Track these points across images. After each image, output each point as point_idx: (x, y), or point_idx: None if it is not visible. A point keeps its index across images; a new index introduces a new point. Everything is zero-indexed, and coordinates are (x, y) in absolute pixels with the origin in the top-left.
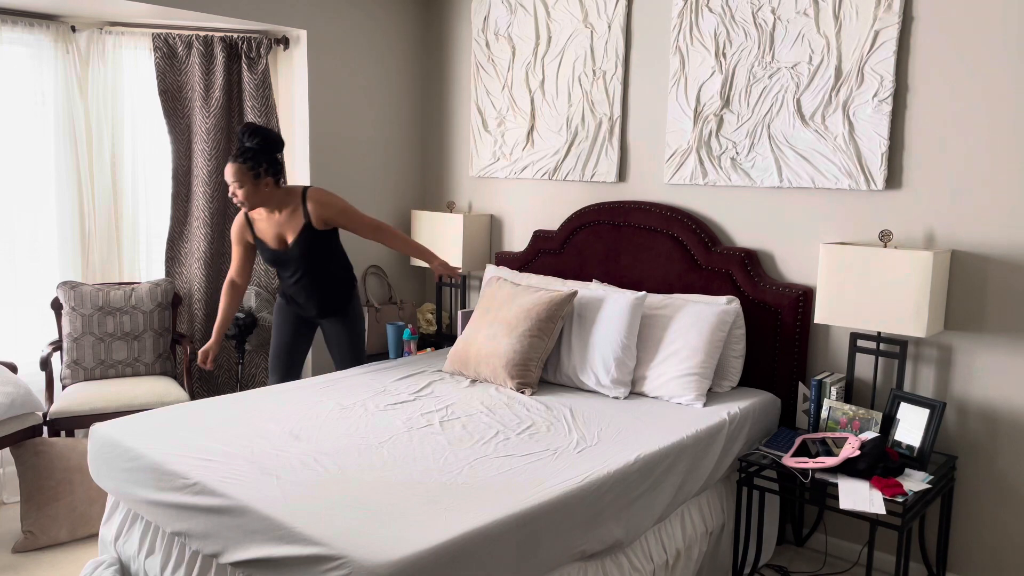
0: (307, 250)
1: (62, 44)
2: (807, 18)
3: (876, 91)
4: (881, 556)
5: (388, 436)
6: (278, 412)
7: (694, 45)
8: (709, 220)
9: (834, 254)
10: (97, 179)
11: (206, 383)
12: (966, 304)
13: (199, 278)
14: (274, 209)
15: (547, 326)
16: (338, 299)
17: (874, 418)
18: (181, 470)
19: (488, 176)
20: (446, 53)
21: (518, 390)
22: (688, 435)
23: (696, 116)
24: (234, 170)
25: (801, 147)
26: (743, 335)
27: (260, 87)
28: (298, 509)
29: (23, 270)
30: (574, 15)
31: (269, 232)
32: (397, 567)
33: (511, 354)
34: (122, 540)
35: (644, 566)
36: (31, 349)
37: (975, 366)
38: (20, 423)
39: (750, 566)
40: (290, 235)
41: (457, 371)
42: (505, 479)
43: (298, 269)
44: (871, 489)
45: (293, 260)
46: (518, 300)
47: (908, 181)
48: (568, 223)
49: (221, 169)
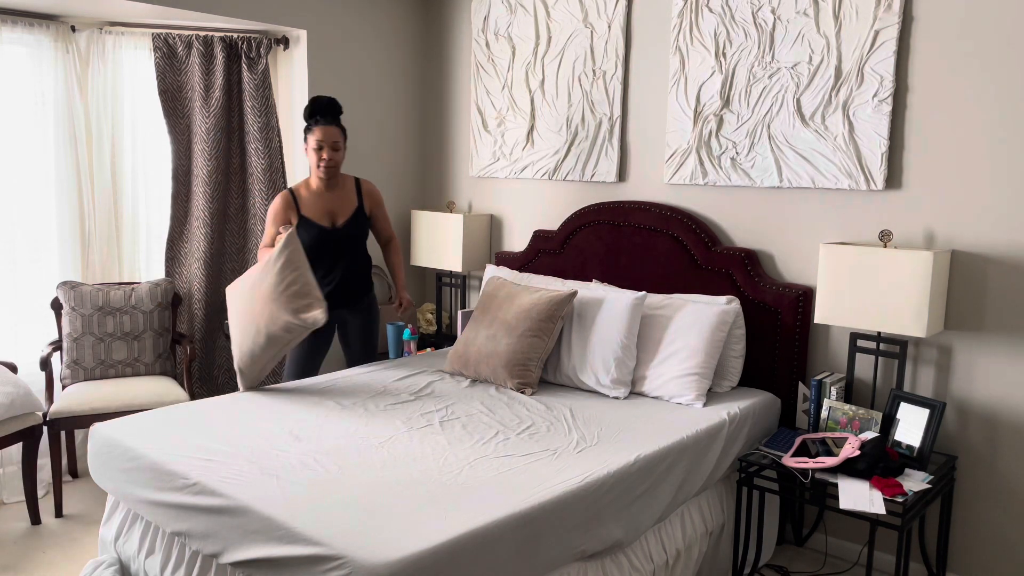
0: (355, 232)
1: (62, 44)
2: (807, 18)
3: (876, 91)
4: (881, 556)
5: (388, 436)
6: (278, 412)
7: (694, 45)
8: (709, 220)
9: (834, 254)
10: (97, 179)
11: (206, 383)
12: (966, 304)
13: (199, 278)
14: (334, 185)
15: (547, 326)
16: (364, 288)
17: (874, 418)
18: (181, 470)
19: (488, 176)
20: (446, 53)
21: (518, 390)
22: (688, 435)
23: (696, 116)
24: (337, 132)
25: (801, 147)
26: (743, 335)
27: (260, 87)
28: (298, 509)
29: (23, 270)
30: (574, 15)
31: (320, 209)
32: (397, 567)
33: (511, 354)
34: (122, 540)
35: (644, 566)
36: (31, 349)
37: (975, 366)
38: (20, 423)
39: (750, 566)
40: (342, 214)
41: (457, 371)
42: (505, 479)
43: (340, 251)
44: (871, 489)
45: (339, 240)
46: (518, 300)
47: (908, 181)
48: (568, 223)
49: (221, 169)
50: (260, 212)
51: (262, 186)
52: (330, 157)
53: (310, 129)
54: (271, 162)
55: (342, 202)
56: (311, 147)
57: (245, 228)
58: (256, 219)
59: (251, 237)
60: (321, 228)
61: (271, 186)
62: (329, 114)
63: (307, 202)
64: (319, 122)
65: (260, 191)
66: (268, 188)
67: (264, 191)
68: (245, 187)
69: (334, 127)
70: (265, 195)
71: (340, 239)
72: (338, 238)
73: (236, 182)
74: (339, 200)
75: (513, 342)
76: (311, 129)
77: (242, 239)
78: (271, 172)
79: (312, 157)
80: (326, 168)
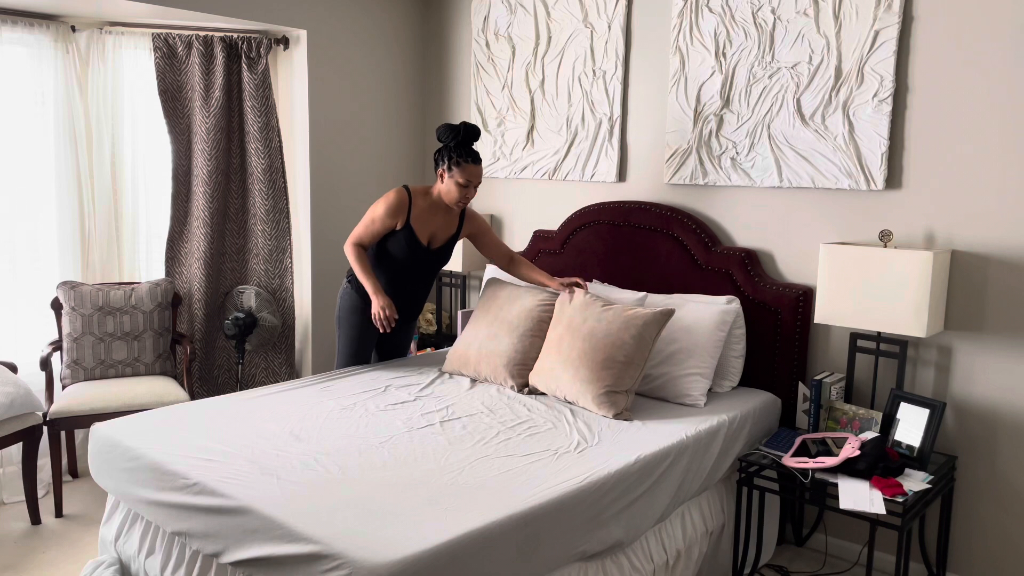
0: (443, 257)
1: (62, 44)
2: (807, 18)
3: (876, 91)
4: (881, 556)
5: (388, 436)
6: (278, 412)
7: (694, 45)
8: (709, 220)
9: (834, 254)
10: (97, 179)
11: (206, 383)
12: (966, 304)
13: (199, 278)
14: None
15: (546, 326)
16: (419, 307)
17: (874, 418)
18: (181, 470)
19: (488, 176)
20: (446, 53)
21: (519, 389)
22: (688, 435)
23: (696, 116)
24: (482, 171)
25: (801, 147)
26: (743, 335)
27: (260, 87)
28: (298, 509)
29: (23, 270)
30: (574, 15)
31: (427, 227)
32: (397, 567)
33: (512, 353)
34: (122, 540)
35: (644, 566)
36: (31, 349)
37: (975, 366)
38: (20, 423)
39: (750, 566)
40: (440, 237)
41: (457, 370)
42: (505, 479)
43: (422, 270)
44: (871, 489)
45: (428, 260)
46: (519, 300)
47: (908, 181)
48: (568, 223)
49: (221, 169)
50: (260, 212)
51: (262, 186)
52: (472, 196)
53: (460, 164)
54: (271, 162)
55: (446, 225)
56: (457, 180)
57: (245, 228)
58: (256, 219)
59: (251, 237)
60: (418, 243)
61: (271, 186)
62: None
63: (419, 212)
64: (473, 161)
65: (260, 191)
66: (268, 188)
67: (264, 191)
68: (245, 187)
69: (481, 166)
70: (265, 195)
71: (429, 259)
72: (428, 258)
73: (236, 182)
74: (445, 223)
75: (515, 341)
76: (462, 165)
77: (242, 239)
78: (271, 172)
79: (453, 190)
80: (464, 204)
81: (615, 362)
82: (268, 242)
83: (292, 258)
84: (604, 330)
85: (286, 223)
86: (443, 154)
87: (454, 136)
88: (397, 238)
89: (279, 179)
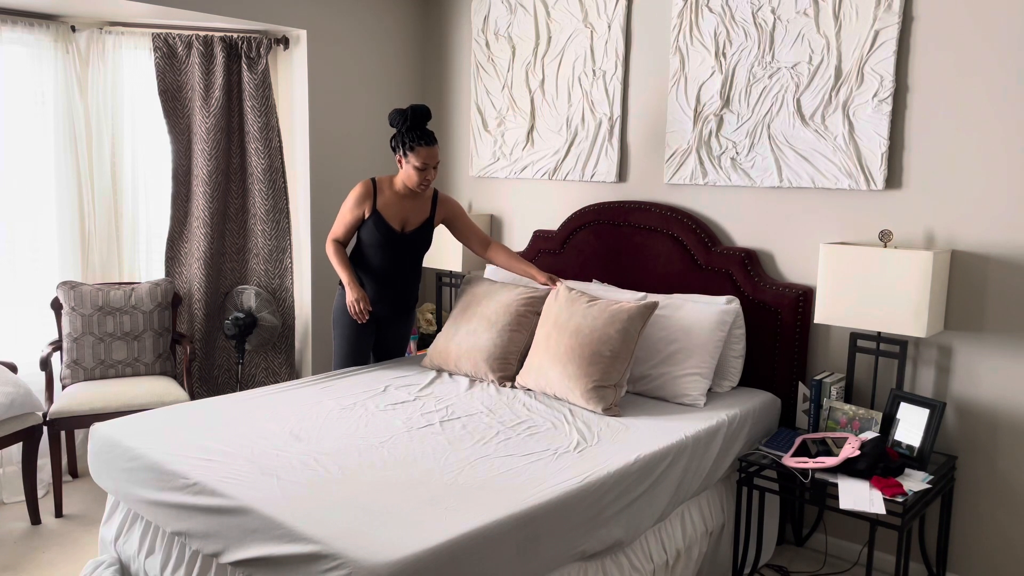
0: (420, 241)
1: (62, 44)
2: (807, 18)
3: (876, 91)
4: (881, 556)
5: (388, 436)
6: (278, 412)
7: (694, 45)
8: (709, 220)
9: (834, 254)
10: (97, 179)
11: (206, 383)
12: (966, 304)
13: (199, 278)
14: (418, 194)
15: (524, 320)
16: (413, 299)
17: (874, 418)
18: (181, 470)
19: (488, 176)
20: (446, 53)
21: (500, 383)
22: (688, 435)
23: (696, 116)
24: (438, 151)
25: (801, 147)
26: (743, 335)
27: (260, 87)
28: (298, 509)
29: (23, 270)
30: (574, 15)
31: (396, 212)
32: (397, 567)
33: (492, 348)
34: (122, 540)
35: (644, 566)
36: (31, 349)
37: (975, 366)
38: (20, 423)
39: (750, 566)
40: (414, 222)
41: (437, 366)
42: (505, 479)
43: (402, 256)
44: (871, 489)
45: (404, 245)
46: (497, 296)
47: (908, 181)
48: (568, 223)
49: (221, 169)
50: (260, 212)
51: (262, 186)
52: (429, 178)
53: (413, 147)
54: (271, 162)
55: (418, 210)
56: (413, 164)
57: (245, 228)
58: (256, 219)
59: (251, 237)
60: (390, 229)
61: (271, 186)
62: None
63: (386, 199)
64: (426, 142)
65: (260, 191)
66: (268, 188)
67: (264, 191)
68: (245, 187)
69: (436, 146)
70: (265, 195)
71: (405, 245)
72: (404, 243)
73: (236, 182)
74: (416, 208)
75: (494, 336)
76: (415, 148)
77: (242, 239)
78: (271, 172)
79: (412, 174)
80: (422, 188)
81: (602, 357)
82: (268, 242)
83: (292, 258)
84: (590, 326)
85: (286, 223)
86: (396, 140)
87: (403, 120)
88: (367, 226)
89: (279, 179)
